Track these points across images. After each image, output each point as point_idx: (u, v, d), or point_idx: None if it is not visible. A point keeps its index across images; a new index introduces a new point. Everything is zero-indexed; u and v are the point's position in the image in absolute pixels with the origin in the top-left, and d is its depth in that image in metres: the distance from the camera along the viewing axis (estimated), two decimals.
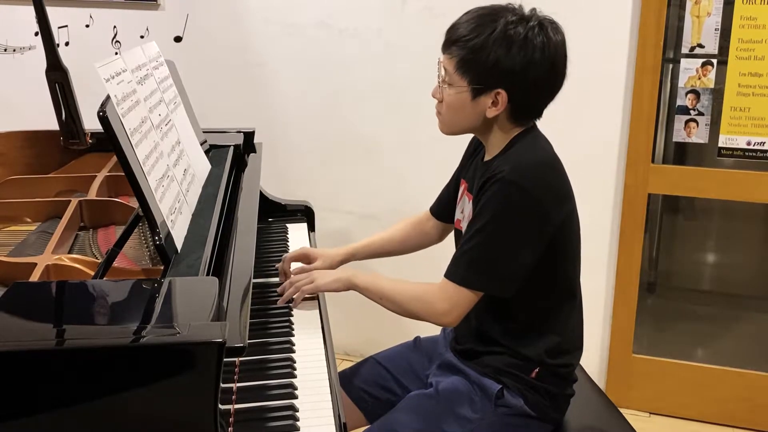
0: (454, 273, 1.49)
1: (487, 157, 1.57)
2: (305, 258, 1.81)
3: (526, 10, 1.47)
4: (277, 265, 1.81)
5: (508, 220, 1.44)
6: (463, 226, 1.60)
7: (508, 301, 1.51)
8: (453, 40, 1.48)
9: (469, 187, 1.61)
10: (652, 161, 2.54)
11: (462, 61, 1.46)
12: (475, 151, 1.66)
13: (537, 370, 1.54)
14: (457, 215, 1.67)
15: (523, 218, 1.44)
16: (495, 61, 1.43)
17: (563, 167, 1.53)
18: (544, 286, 1.52)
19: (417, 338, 1.83)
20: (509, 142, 1.52)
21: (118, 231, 1.68)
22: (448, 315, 1.50)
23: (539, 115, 1.54)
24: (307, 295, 1.66)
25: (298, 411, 1.31)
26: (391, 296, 1.57)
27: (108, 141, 1.28)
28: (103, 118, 1.26)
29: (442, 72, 1.51)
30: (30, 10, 1.96)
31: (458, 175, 1.74)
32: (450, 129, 1.56)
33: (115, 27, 2.94)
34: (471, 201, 1.56)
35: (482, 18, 1.46)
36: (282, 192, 2.30)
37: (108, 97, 1.31)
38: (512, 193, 1.43)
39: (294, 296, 1.66)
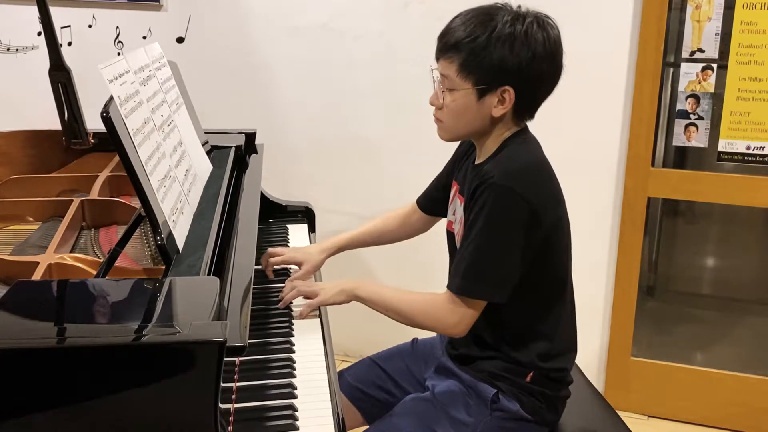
0: (458, 285, 1.48)
1: (478, 160, 1.56)
2: (288, 263, 1.83)
3: (515, 7, 1.47)
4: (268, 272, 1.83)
5: (501, 224, 1.44)
6: (455, 228, 1.60)
7: (501, 307, 1.51)
8: (451, 44, 1.46)
9: (461, 190, 1.61)
10: (652, 165, 2.54)
11: (464, 63, 1.45)
12: (467, 152, 1.66)
13: (531, 374, 1.55)
14: (449, 217, 1.67)
15: (514, 221, 1.44)
16: (500, 59, 1.42)
17: (553, 171, 1.53)
18: (533, 290, 1.52)
19: (415, 340, 1.83)
20: (500, 145, 1.52)
21: (120, 231, 1.68)
22: (457, 326, 1.50)
23: (536, 109, 1.53)
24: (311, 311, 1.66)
25: (297, 411, 1.32)
26: (397, 308, 1.57)
27: (110, 141, 1.29)
28: (106, 119, 1.27)
29: (438, 77, 1.50)
30: (33, 10, 1.97)
31: (449, 174, 1.74)
32: (452, 135, 1.55)
33: (117, 27, 2.94)
34: (462, 204, 1.56)
35: (478, 18, 1.45)
36: (283, 193, 2.30)
37: (111, 98, 1.32)
38: (503, 196, 1.43)
39: (296, 306, 1.67)
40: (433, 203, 1.82)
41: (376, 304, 1.59)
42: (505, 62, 1.42)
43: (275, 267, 1.85)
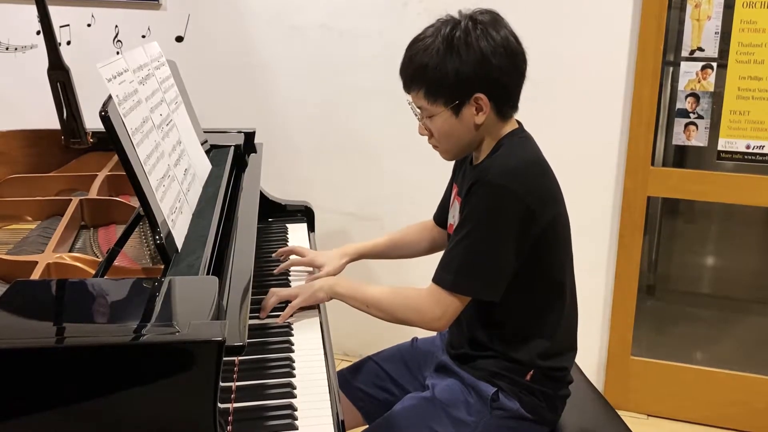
0: (443, 279, 1.48)
1: (475, 161, 1.58)
2: (310, 265, 1.82)
3: (455, 15, 1.48)
4: (281, 267, 1.83)
5: (495, 222, 1.44)
6: None
7: (496, 306, 1.51)
8: (410, 77, 1.50)
9: (459, 191, 1.61)
10: (652, 164, 2.54)
11: (427, 91, 1.48)
12: (465, 156, 1.67)
13: (531, 372, 1.55)
14: (450, 220, 1.67)
15: (509, 220, 1.44)
16: (455, 73, 1.44)
17: (550, 169, 1.53)
18: (529, 289, 1.52)
19: (414, 339, 1.83)
20: (497, 144, 1.52)
21: (119, 230, 1.68)
22: (439, 320, 1.50)
23: (517, 101, 1.53)
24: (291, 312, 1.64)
25: (296, 410, 1.32)
26: (377, 304, 1.57)
27: (109, 140, 1.29)
28: (105, 118, 1.27)
29: (418, 110, 1.53)
30: (32, 9, 1.96)
31: (452, 180, 1.75)
32: (453, 154, 1.57)
33: (116, 26, 2.94)
34: (460, 205, 1.56)
35: (422, 43, 1.47)
36: (282, 192, 2.30)
37: (110, 97, 1.32)
38: (498, 194, 1.43)
39: (279, 310, 1.64)
40: (444, 214, 1.80)
41: (356, 300, 1.59)
42: (460, 73, 1.44)
43: (290, 269, 1.84)
